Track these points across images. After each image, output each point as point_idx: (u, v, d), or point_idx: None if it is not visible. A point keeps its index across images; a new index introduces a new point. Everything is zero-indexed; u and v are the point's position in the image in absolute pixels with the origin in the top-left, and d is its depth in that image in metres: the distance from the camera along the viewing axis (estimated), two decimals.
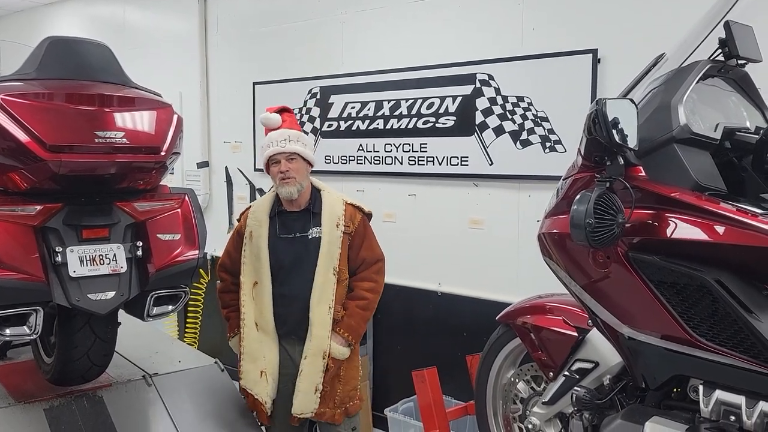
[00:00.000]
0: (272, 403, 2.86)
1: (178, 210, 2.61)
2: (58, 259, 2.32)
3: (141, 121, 2.44)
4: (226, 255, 3.00)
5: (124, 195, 2.51)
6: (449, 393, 3.58)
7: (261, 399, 2.82)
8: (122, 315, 2.65)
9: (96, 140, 2.28)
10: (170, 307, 2.61)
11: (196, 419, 2.91)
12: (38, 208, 2.31)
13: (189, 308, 5.51)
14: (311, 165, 2.89)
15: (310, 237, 2.82)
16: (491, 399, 2.77)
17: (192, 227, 2.62)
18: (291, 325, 2.84)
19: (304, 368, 2.78)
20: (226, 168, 5.37)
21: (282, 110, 2.95)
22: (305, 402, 2.78)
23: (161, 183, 2.69)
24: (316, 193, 2.90)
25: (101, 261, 2.39)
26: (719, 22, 1.95)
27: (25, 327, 2.28)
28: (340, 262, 2.82)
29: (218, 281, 3.07)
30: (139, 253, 2.47)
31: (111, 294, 2.39)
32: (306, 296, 2.80)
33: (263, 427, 2.96)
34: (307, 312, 2.80)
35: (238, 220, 2.99)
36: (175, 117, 2.56)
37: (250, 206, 2.98)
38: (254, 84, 5.06)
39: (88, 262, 2.37)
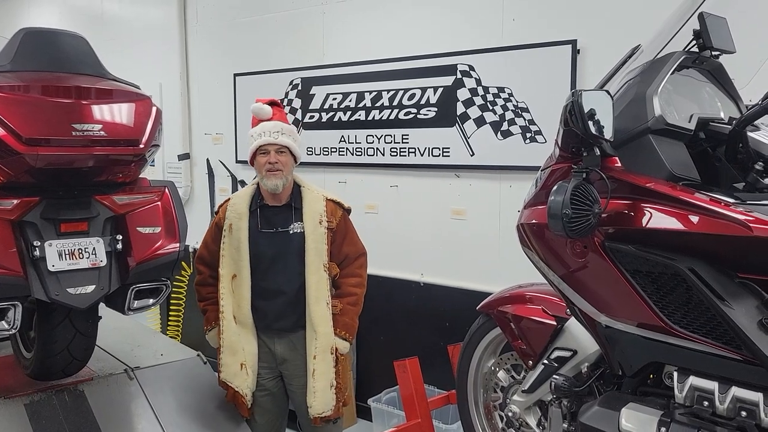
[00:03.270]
0: (252, 395, 2.86)
1: (158, 203, 2.60)
2: (37, 253, 2.30)
3: (119, 113, 2.42)
4: (204, 247, 2.97)
5: (103, 188, 2.50)
6: (431, 382, 3.61)
7: (242, 392, 2.82)
8: (103, 309, 2.64)
9: (73, 133, 2.26)
10: (151, 301, 2.61)
11: (178, 412, 2.91)
12: (15, 202, 2.30)
13: (171, 301, 5.49)
14: (297, 161, 2.89)
15: (291, 232, 2.82)
16: (472, 388, 2.80)
17: (172, 220, 2.61)
18: (271, 318, 2.84)
19: (317, 367, 2.77)
20: (208, 160, 5.34)
21: (272, 103, 2.94)
22: (324, 400, 2.78)
23: (141, 176, 2.67)
24: (296, 188, 2.90)
25: (80, 255, 2.38)
26: (693, 14, 1.97)
27: (3, 322, 2.27)
28: (328, 258, 2.83)
29: (196, 274, 3.04)
30: (119, 246, 2.46)
31: (91, 288, 2.38)
32: (289, 291, 2.80)
33: (249, 422, 2.94)
34: (289, 306, 2.80)
35: (217, 212, 2.97)
36: (153, 109, 2.55)
37: (229, 198, 2.96)
38: (235, 75, 5.03)
39: (67, 256, 2.36)
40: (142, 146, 2.45)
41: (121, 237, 2.47)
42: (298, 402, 2.89)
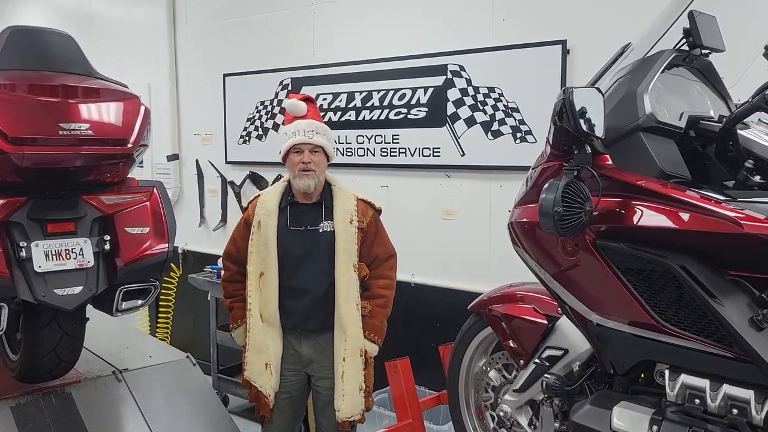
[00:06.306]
0: (274, 396, 2.80)
1: (147, 203, 2.58)
2: (23, 254, 2.28)
3: (107, 112, 2.40)
4: (232, 243, 2.92)
5: (91, 188, 2.47)
6: (422, 383, 3.60)
7: (265, 391, 2.76)
8: (91, 310, 2.61)
9: (60, 132, 2.24)
10: (140, 302, 2.59)
11: (167, 414, 2.88)
12: (1, 202, 2.27)
13: (160, 302, 5.46)
14: (329, 160, 2.85)
15: (320, 231, 2.77)
16: (463, 388, 2.79)
17: (161, 220, 2.59)
18: (298, 318, 2.78)
19: (346, 369, 2.71)
20: (197, 161, 5.31)
21: (306, 99, 2.90)
22: (353, 404, 2.73)
23: (129, 176, 2.65)
24: (327, 186, 2.85)
25: (67, 255, 2.36)
26: (683, 12, 1.97)
27: None
28: (358, 259, 2.78)
29: (222, 270, 2.99)
30: (107, 247, 2.44)
31: (78, 289, 2.36)
32: (316, 291, 2.75)
33: (262, 421, 2.89)
34: (317, 306, 2.76)
35: (245, 209, 2.92)
36: (142, 108, 2.53)
37: (259, 195, 2.90)
38: (224, 75, 5.01)
39: (54, 256, 2.33)
40: (130, 146, 2.43)
41: (108, 237, 2.44)
42: (323, 403, 2.83)
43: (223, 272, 2.99)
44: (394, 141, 4.10)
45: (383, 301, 2.84)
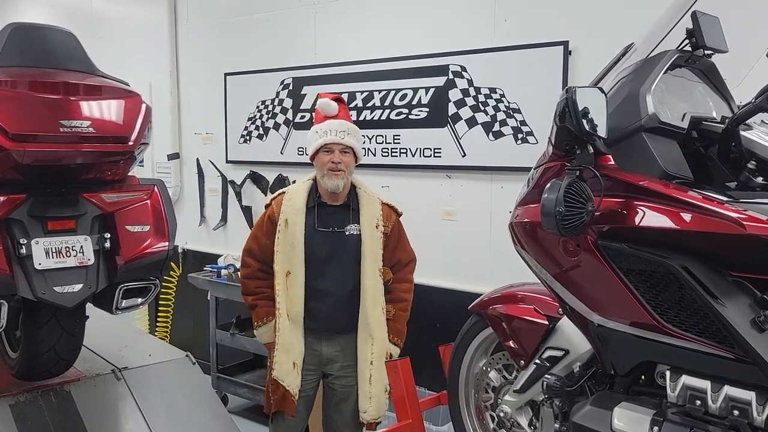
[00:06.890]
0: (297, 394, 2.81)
1: (148, 201, 2.57)
2: (23, 251, 2.27)
3: (108, 110, 2.40)
4: (254, 240, 2.91)
5: (92, 186, 2.47)
6: (422, 383, 3.58)
7: (292, 391, 2.77)
8: (91, 308, 2.61)
9: (61, 129, 2.24)
10: (139, 300, 2.58)
11: (167, 413, 2.87)
12: (1, 199, 2.27)
13: (160, 301, 5.45)
14: (357, 161, 2.85)
15: (346, 233, 2.78)
16: (463, 388, 2.78)
17: (162, 219, 2.59)
18: (322, 319, 2.79)
19: (374, 372, 2.75)
20: (198, 160, 5.31)
21: (337, 99, 2.89)
22: (379, 405, 2.78)
23: (130, 174, 2.65)
24: (352, 189, 2.86)
25: (68, 253, 2.35)
26: (686, 12, 1.97)
27: None
28: (383, 263, 2.80)
29: (241, 266, 2.98)
30: (107, 244, 2.43)
31: (78, 287, 2.35)
32: (339, 293, 2.76)
33: (274, 419, 2.91)
34: (341, 308, 2.77)
35: (268, 206, 2.90)
36: (143, 106, 2.52)
37: (283, 192, 2.89)
38: (225, 75, 5.01)
39: (54, 254, 2.33)
40: (131, 143, 2.43)
41: (109, 235, 2.44)
42: (337, 400, 2.84)
43: (242, 269, 2.97)
44: (395, 141, 4.09)
45: (405, 305, 2.89)
